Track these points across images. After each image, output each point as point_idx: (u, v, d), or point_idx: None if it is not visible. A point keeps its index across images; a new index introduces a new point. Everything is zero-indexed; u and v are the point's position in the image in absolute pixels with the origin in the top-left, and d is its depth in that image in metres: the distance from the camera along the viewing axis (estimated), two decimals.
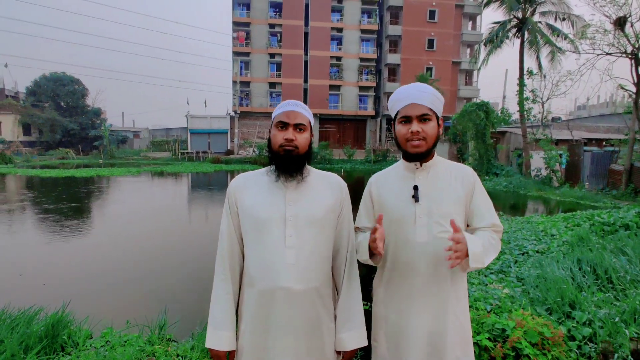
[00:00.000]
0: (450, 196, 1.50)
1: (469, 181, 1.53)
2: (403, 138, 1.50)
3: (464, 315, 1.51)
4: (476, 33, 40.30)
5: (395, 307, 1.54)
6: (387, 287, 1.58)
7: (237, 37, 38.43)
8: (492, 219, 1.51)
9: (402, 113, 1.49)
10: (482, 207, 1.52)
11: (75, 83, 44.61)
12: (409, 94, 1.49)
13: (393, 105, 1.55)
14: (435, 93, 1.50)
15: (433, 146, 1.50)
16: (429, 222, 1.48)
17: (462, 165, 1.58)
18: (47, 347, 2.94)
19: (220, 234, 1.49)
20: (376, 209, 1.61)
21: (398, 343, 1.52)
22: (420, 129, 1.46)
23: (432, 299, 1.47)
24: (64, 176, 19.85)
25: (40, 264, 5.77)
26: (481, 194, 1.54)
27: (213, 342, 1.42)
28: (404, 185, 1.55)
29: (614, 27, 13.02)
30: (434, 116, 1.49)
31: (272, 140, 1.46)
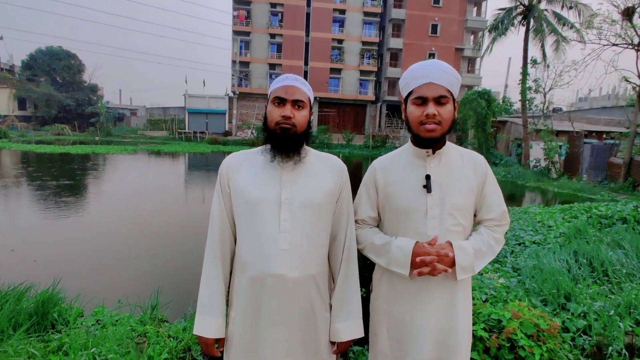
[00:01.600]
0: (463, 186, 1.41)
1: (481, 170, 1.44)
2: (416, 121, 1.36)
3: (469, 311, 1.46)
4: (481, 19, 39.71)
5: (400, 302, 1.45)
6: (392, 281, 1.48)
7: (238, 16, 37.69)
8: (500, 211, 1.44)
9: (417, 93, 1.35)
10: (492, 198, 1.44)
11: (72, 58, 43.91)
12: (428, 72, 1.34)
13: (407, 83, 1.40)
14: (455, 73, 1.38)
15: (448, 131, 1.38)
16: (441, 213, 1.38)
17: (473, 153, 1.49)
18: (36, 325, 2.91)
19: (211, 216, 1.42)
20: (381, 197, 1.50)
21: (403, 340, 1.44)
22: (436, 112, 1.32)
23: (444, 295, 1.39)
24: (60, 152, 19.69)
25: (32, 240, 5.73)
26: (492, 184, 1.45)
27: (201, 329, 1.35)
28: (414, 173, 1.43)
29: (622, 17, 12.81)
30: (451, 98, 1.36)
31: (268, 117, 1.36)
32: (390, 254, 1.41)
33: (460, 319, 1.40)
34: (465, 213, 1.41)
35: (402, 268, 1.38)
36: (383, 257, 1.44)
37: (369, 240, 1.49)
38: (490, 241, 1.41)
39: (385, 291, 1.51)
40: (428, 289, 1.40)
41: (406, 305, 1.43)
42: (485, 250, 1.39)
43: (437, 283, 1.39)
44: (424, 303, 1.40)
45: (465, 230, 1.41)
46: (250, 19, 37.89)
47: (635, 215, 5.94)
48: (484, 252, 1.38)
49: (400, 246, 1.38)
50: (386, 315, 1.49)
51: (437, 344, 1.39)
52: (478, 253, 1.37)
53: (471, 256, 1.34)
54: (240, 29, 37.56)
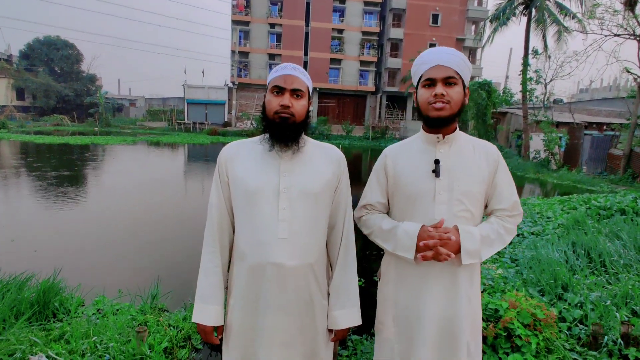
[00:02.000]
0: (473, 173, 1.41)
1: (493, 159, 1.44)
2: (425, 102, 1.38)
3: (476, 299, 1.45)
4: (482, 9, 39.32)
5: (407, 288, 1.47)
6: (399, 267, 1.50)
7: (237, 5, 37.28)
8: (512, 201, 1.43)
9: (426, 76, 1.38)
10: (504, 187, 1.43)
11: (70, 47, 43.55)
12: (435, 56, 1.38)
13: (417, 69, 1.43)
14: (463, 58, 1.39)
15: (457, 114, 1.39)
16: (449, 199, 1.38)
17: (485, 142, 1.49)
18: (38, 314, 2.93)
19: (210, 205, 1.42)
20: (391, 183, 1.51)
21: (408, 326, 1.45)
22: (444, 92, 1.34)
23: (447, 281, 1.40)
24: (59, 143, 19.64)
25: (32, 230, 5.74)
26: (504, 174, 1.45)
27: (200, 317, 1.37)
28: (424, 158, 1.44)
29: (624, 7, 12.69)
30: (460, 81, 1.37)
31: (267, 106, 1.36)
32: (396, 238, 1.43)
33: (464, 307, 1.39)
34: (474, 200, 1.40)
35: (407, 252, 1.39)
36: (390, 242, 1.46)
37: (377, 225, 1.51)
38: (500, 230, 1.39)
39: (392, 278, 1.52)
40: (433, 276, 1.41)
41: (412, 292, 1.45)
42: (493, 238, 1.37)
43: (442, 270, 1.40)
44: (429, 290, 1.41)
45: (473, 217, 1.41)
46: (249, 8, 37.50)
47: (634, 206, 5.96)
48: (492, 240, 1.37)
49: (406, 230, 1.40)
50: (392, 302, 1.51)
51: (441, 331, 1.40)
52: (486, 240, 1.36)
53: (478, 242, 1.33)
54: (240, 18, 37.19)
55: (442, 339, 1.41)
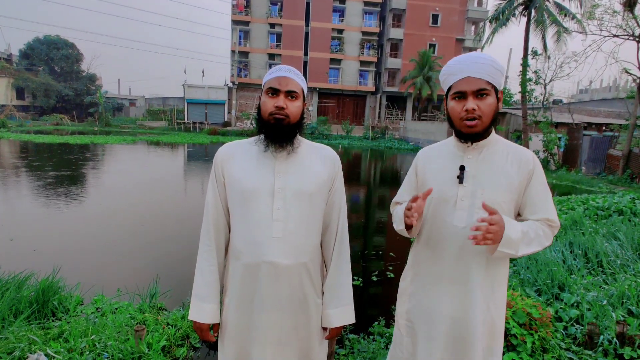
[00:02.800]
0: (500, 182, 1.36)
1: (526, 168, 1.37)
2: (457, 117, 1.35)
3: (498, 306, 1.41)
4: (482, 10, 39.34)
5: (421, 286, 1.49)
6: (418, 264, 1.52)
7: (237, 5, 37.30)
8: (546, 213, 1.35)
9: (455, 88, 1.33)
10: (537, 198, 1.36)
11: (70, 47, 43.57)
12: (464, 67, 1.32)
13: (446, 79, 1.39)
14: (494, 63, 1.33)
15: (490, 125, 1.35)
16: (471, 206, 1.36)
17: (522, 149, 1.42)
18: (37, 312, 2.95)
19: (206, 205, 1.45)
20: (419, 184, 1.53)
21: (418, 322, 1.47)
22: (476, 106, 1.30)
23: (460, 285, 1.39)
24: (58, 142, 19.65)
25: (31, 229, 5.75)
26: (539, 184, 1.37)
27: (196, 315, 1.39)
28: (451, 163, 1.43)
29: (623, 8, 12.71)
30: (492, 90, 1.32)
31: (262, 107, 1.38)
32: (395, 215, 1.51)
33: (480, 313, 1.36)
34: (498, 209, 1.31)
35: (400, 224, 1.44)
36: (394, 221, 1.52)
37: (395, 214, 1.56)
38: (539, 231, 1.33)
39: (410, 273, 1.56)
40: (447, 277, 1.41)
41: (425, 289, 1.47)
42: (532, 237, 1.30)
43: (457, 272, 1.39)
44: (442, 290, 1.42)
45: None
46: (249, 8, 37.52)
47: (632, 207, 5.98)
48: (531, 238, 1.30)
49: (401, 207, 1.48)
50: (408, 296, 1.54)
51: (450, 333, 1.40)
52: (525, 236, 1.29)
53: (519, 232, 1.26)
54: (240, 18, 37.21)
55: (451, 341, 1.40)
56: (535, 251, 1.32)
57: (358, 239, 5.88)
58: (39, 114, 39.19)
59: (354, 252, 5.16)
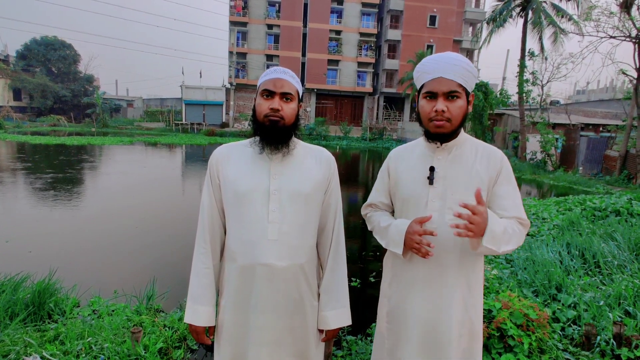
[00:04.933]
0: (470, 182, 1.36)
1: (494, 166, 1.38)
2: (426, 116, 1.36)
3: (476, 307, 1.42)
4: (479, 11, 39.46)
5: (398, 288, 1.50)
6: (394, 267, 1.53)
7: (235, 6, 37.28)
8: (517, 211, 1.34)
9: (427, 87, 1.34)
10: (506, 196, 1.36)
11: (67, 48, 43.44)
12: (438, 67, 1.33)
13: (419, 77, 1.39)
14: (468, 66, 1.33)
15: (458, 127, 1.35)
16: (441, 207, 1.37)
17: (490, 147, 1.42)
18: (33, 314, 2.93)
19: (201, 207, 1.44)
20: (392, 185, 1.53)
21: (398, 324, 1.48)
22: (445, 108, 1.30)
23: (434, 286, 1.39)
24: (55, 143, 19.59)
25: (27, 231, 5.72)
26: (507, 182, 1.38)
27: (191, 317, 1.38)
28: (422, 164, 1.44)
29: (620, 9, 12.75)
30: (463, 93, 1.33)
31: (257, 109, 1.37)
32: (388, 234, 1.45)
33: (457, 313, 1.37)
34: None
35: (396, 247, 1.40)
36: (384, 239, 1.48)
37: (377, 222, 1.54)
38: (515, 228, 1.30)
39: (388, 276, 1.56)
40: (422, 278, 1.41)
41: (402, 290, 1.48)
42: (511, 233, 1.28)
43: (430, 273, 1.40)
44: (417, 291, 1.43)
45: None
46: (247, 9, 37.50)
47: (629, 207, 5.99)
48: (510, 235, 1.27)
49: (396, 225, 1.43)
50: (387, 298, 1.54)
51: (425, 334, 1.41)
52: (506, 232, 1.26)
53: (502, 228, 1.24)
54: (237, 19, 37.19)
55: (427, 342, 1.41)
56: (513, 249, 1.30)
57: (356, 240, 5.88)
58: (36, 115, 39.03)
59: (352, 253, 5.15)
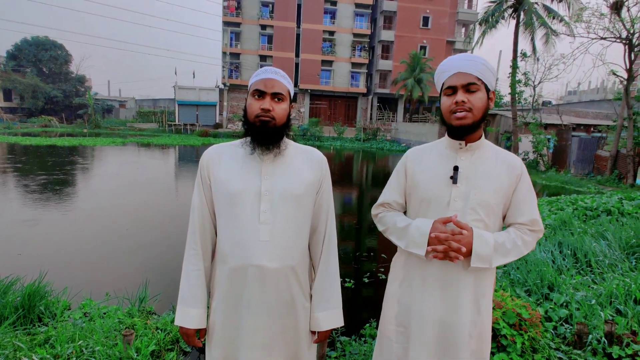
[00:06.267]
0: (493, 183, 1.38)
1: (514, 172, 1.40)
2: (447, 110, 1.37)
3: (488, 309, 1.43)
4: (472, 12, 39.72)
5: (410, 289, 1.47)
6: (406, 266, 1.51)
7: (228, 6, 37.18)
8: (531, 215, 1.38)
9: (447, 84, 1.37)
10: (524, 201, 1.39)
11: (58, 48, 43.09)
12: (455, 64, 1.37)
13: (439, 77, 1.42)
14: (485, 63, 1.37)
15: (480, 120, 1.36)
16: (463, 207, 1.37)
17: (510, 154, 1.45)
18: (23, 318, 2.89)
19: (192, 208, 1.43)
20: (409, 184, 1.51)
21: (408, 326, 1.46)
22: (465, 99, 1.32)
23: (449, 288, 1.39)
24: (46, 144, 19.39)
25: (15, 233, 5.64)
26: (526, 187, 1.40)
27: (182, 320, 1.37)
28: (444, 164, 1.44)
29: (610, 10, 12.90)
30: (482, 87, 1.35)
31: (248, 109, 1.36)
32: (408, 235, 1.42)
33: (469, 315, 1.37)
34: (489, 211, 1.37)
35: (419, 248, 1.38)
36: (403, 240, 1.45)
37: (392, 223, 1.51)
38: (517, 241, 1.35)
39: (398, 277, 1.53)
40: (436, 280, 1.41)
41: (414, 293, 1.45)
42: (509, 248, 1.33)
43: (446, 275, 1.39)
44: (430, 294, 1.41)
45: (487, 228, 1.38)
46: (240, 9, 37.42)
47: (620, 207, 6.06)
48: (507, 249, 1.33)
49: (418, 226, 1.40)
50: (396, 300, 1.52)
51: (439, 336, 1.40)
52: (500, 248, 1.32)
53: (491, 247, 1.31)
54: (231, 19, 37.09)
55: (440, 345, 1.40)
56: (513, 260, 1.35)
57: (350, 241, 5.88)
58: (27, 116, 38.64)
59: (346, 253, 5.15)
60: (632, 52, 12.89)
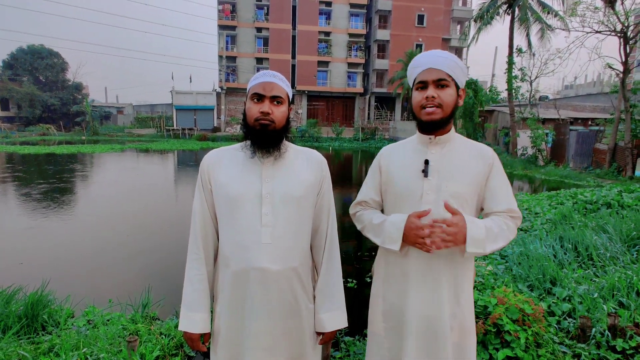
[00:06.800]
0: (464, 175, 1.40)
1: (486, 161, 1.42)
2: (417, 105, 1.40)
3: (468, 301, 1.44)
4: (467, 9, 39.76)
5: (394, 286, 1.48)
6: (388, 264, 1.52)
7: (223, 10, 37.20)
8: (508, 204, 1.38)
9: (418, 79, 1.40)
10: (499, 190, 1.40)
11: (54, 56, 43.08)
12: (427, 60, 1.40)
13: (411, 72, 1.45)
14: (456, 60, 1.40)
15: (450, 116, 1.39)
16: (436, 199, 1.39)
17: (480, 144, 1.48)
18: (26, 327, 2.89)
19: (193, 213, 1.43)
20: (384, 181, 1.54)
21: (395, 323, 1.47)
22: (435, 94, 1.36)
23: (430, 281, 1.40)
24: (45, 153, 19.37)
25: (16, 243, 5.64)
26: (499, 176, 1.42)
27: (186, 325, 1.37)
28: (415, 158, 1.46)
29: (604, 4, 12.94)
30: (452, 83, 1.38)
31: (247, 113, 1.37)
32: (383, 231, 1.43)
33: (450, 307, 1.39)
34: (463, 202, 1.39)
35: (394, 244, 1.39)
36: (379, 236, 1.46)
37: (369, 220, 1.53)
38: (502, 225, 1.35)
39: (381, 275, 1.55)
40: (417, 275, 1.42)
41: (397, 289, 1.47)
42: (497, 232, 1.33)
43: (426, 268, 1.41)
44: (412, 289, 1.43)
45: None
46: (235, 13, 37.44)
47: (619, 199, 6.06)
48: (495, 234, 1.32)
49: (392, 222, 1.41)
50: (381, 298, 1.53)
51: (424, 330, 1.41)
52: (490, 232, 1.31)
53: (483, 230, 1.30)
54: (226, 23, 37.11)
55: (426, 338, 1.41)
56: (503, 246, 1.34)
57: (351, 241, 5.88)
58: (24, 125, 38.61)
59: (348, 253, 5.15)
60: (627, 45, 12.92)
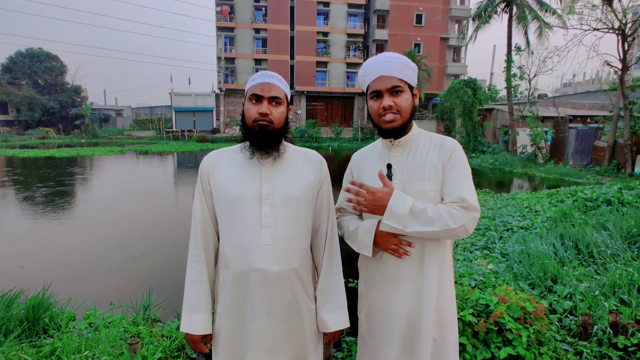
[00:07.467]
0: (426, 171, 1.39)
1: (446, 151, 1.39)
2: (376, 114, 1.40)
3: (445, 294, 1.42)
4: (465, 8, 39.81)
5: (373, 287, 1.50)
6: (367, 266, 1.54)
7: (221, 11, 37.21)
8: (460, 192, 1.30)
9: (371, 88, 1.40)
10: (454, 180, 1.35)
11: (53, 59, 43.04)
12: (376, 67, 1.39)
13: (362, 80, 1.45)
14: (404, 61, 1.39)
15: (409, 119, 1.41)
16: None
17: (443, 137, 1.45)
18: (28, 330, 2.89)
19: (193, 214, 1.43)
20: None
21: (377, 324, 1.48)
22: (392, 103, 1.36)
23: (406, 280, 1.40)
24: (44, 156, 19.37)
25: (17, 246, 5.63)
26: (456, 165, 1.37)
27: (187, 326, 1.37)
28: (381, 163, 1.49)
29: (602, 1, 12.94)
30: (406, 87, 1.39)
31: (246, 114, 1.37)
32: (358, 237, 1.45)
33: (427, 303, 1.37)
34: (430, 199, 1.37)
35: (366, 249, 1.42)
36: (355, 243, 1.48)
37: (346, 227, 1.54)
38: (443, 212, 1.28)
39: (364, 277, 1.56)
40: (396, 275, 1.42)
41: (378, 289, 1.48)
42: (431, 216, 1.27)
43: (400, 268, 1.41)
44: (392, 288, 1.43)
45: None
46: (233, 14, 37.45)
47: (619, 197, 6.06)
48: (429, 217, 1.27)
49: (364, 228, 1.43)
50: (365, 299, 1.55)
51: (407, 329, 1.41)
52: (420, 214, 1.28)
53: (408, 207, 1.28)
54: (224, 24, 37.12)
55: (407, 338, 1.41)
56: (437, 231, 1.27)
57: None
58: (23, 128, 38.60)
59: (348, 253, 5.14)
60: (625, 42, 12.92)
